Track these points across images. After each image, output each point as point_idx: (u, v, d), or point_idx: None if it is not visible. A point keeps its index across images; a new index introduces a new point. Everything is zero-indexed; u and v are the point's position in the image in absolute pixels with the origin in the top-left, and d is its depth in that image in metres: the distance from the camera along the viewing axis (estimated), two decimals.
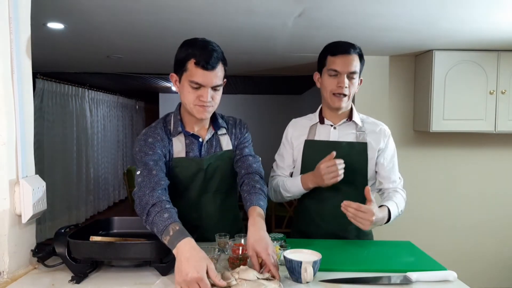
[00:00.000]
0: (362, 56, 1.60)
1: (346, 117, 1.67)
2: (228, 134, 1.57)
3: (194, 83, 1.36)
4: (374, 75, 3.30)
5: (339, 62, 1.55)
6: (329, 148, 1.60)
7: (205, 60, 1.34)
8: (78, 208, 5.63)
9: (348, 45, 1.58)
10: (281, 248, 1.29)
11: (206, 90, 1.37)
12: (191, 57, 1.36)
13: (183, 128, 1.51)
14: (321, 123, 1.68)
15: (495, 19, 2.20)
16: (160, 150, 1.45)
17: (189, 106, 1.41)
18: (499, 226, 3.38)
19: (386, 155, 1.65)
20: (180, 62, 1.39)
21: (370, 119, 1.72)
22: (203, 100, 1.38)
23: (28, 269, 1.25)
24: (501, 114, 2.97)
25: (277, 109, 7.76)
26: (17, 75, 1.21)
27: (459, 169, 3.38)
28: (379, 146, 1.64)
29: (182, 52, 1.40)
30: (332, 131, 1.66)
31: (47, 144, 4.85)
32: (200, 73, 1.35)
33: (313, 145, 1.66)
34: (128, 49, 3.10)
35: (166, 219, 1.19)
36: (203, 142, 1.52)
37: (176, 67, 1.43)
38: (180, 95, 1.44)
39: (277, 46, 2.95)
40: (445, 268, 1.26)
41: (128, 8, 2.06)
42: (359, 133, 1.64)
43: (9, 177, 1.20)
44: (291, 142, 1.72)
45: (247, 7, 2.03)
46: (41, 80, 4.72)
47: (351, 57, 1.55)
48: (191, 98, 1.39)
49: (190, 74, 1.36)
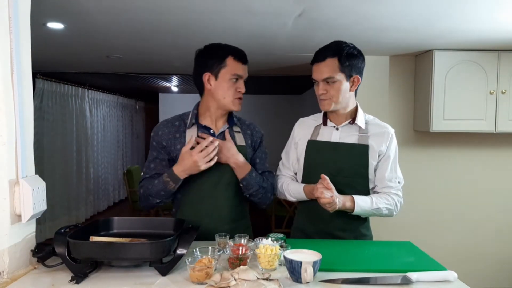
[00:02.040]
0: (351, 55, 1.57)
1: (349, 119, 1.67)
2: (242, 132, 1.69)
3: (235, 75, 1.58)
4: (374, 75, 3.30)
5: (314, 71, 1.62)
6: (330, 149, 1.63)
7: (242, 55, 1.60)
8: (78, 208, 5.63)
9: (325, 51, 1.59)
10: (281, 248, 1.29)
11: (242, 81, 1.61)
12: (229, 54, 1.58)
13: (197, 120, 1.65)
14: (324, 125, 1.69)
15: (495, 19, 2.20)
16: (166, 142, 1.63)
17: (227, 100, 1.60)
18: (499, 226, 3.38)
19: (384, 157, 1.65)
20: (216, 61, 1.58)
21: (376, 120, 1.71)
22: (240, 91, 1.60)
23: (28, 269, 1.25)
24: (501, 114, 2.97)
25: (277, 109, 7.77)
26: (17, 75, 1.21)
27: (459, 169, 3.37)
28: (381, 149, 1.63)
29: (216, 52, 1.59)
30: (334, 132, 1.67)
31: (47, 144, 4.85)
32: (240, 66, 1.59)
33: (315, 145, 1.67)
34: (128, 49, 3.10)
35: (157, 182, 1.57)
36: (215, 134, 1.63)
37: (210, 66, 1.59)
38: (216, 91, 1.60)
39: (277, 46, 2.95)
40: (445, 268, 1.25)
41: (128, 8, 2.06)
42: (362, 135, 1.64)
43: (9, 177, 1.20)
44: (296, 142, 1.74)
45: (247, 7, 2.03)
46: (41, 80, 4.72)
47: (323, 64, 1.57)
48: (231, 92, 1.59)
49: (231, 68, 1.57)
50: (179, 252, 1.23)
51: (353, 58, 1.58)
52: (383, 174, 1.65)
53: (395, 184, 1.66)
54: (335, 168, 1.61)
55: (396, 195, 1.65)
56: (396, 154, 1.69)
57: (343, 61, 1.56)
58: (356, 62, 1.59)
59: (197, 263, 1.16)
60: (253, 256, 1.28)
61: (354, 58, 1.58)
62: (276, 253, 1.24)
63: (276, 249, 1.26)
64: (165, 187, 1.56)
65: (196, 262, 1.16)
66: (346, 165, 1.62)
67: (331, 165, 1.62)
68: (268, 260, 1.23)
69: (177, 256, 1.22)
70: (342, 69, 1.56)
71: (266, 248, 1.25)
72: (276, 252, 1.24)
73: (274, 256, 1.23)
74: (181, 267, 1.24)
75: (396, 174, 1.67)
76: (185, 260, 1.18)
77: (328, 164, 1.63)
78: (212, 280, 1.09)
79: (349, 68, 1.57)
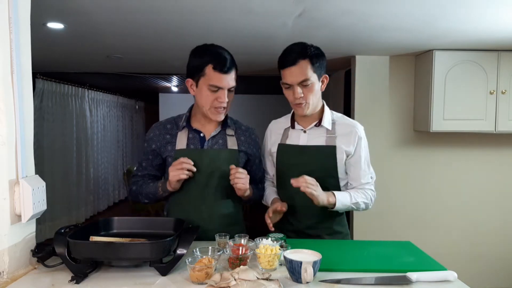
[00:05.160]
0: (318, 55, 1.57)
1: (315, 121, 1.68)
2: (236, 136, 1.67)
3: (213, 86, 1.50)
4: (374, 75, 3.31)
5: (287, 76, 1.58)
6: (298, 152, 1.67)
7: (222, 64, 1.49)
8: (78, 208, 5.63)
9: (293, 54, 1.56)
10: (281, 248, 1.29)
11: (224, 92, 1.52)
12: (209, 63, 1.49)
13: (188, 123, 1.63)
14: (292, 128, 1.72)
15: (495, 19, 2.20)
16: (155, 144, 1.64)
17: (206, 109, 1.55)
18: (499, 226, 3.38)
19: (355, 158, 1.67)
20: (196, 68, 1.51)
21: (344, 119, 1.73)
22: (220, 101, 1.52)
23: (28, 269, 1.25)
24: (501, 114, 2.97)
25: (277, 109, 7.75)
26: (17, 75, 1.21)
27: (459, 169, 3.37)
28: (348, 149, 1.65)
29: (197, 58, 1.53)
30: (302, 135, 1.69)
31: (47, 144, 4.85)
32: (218, 76, 1.49)
33: (285, 149, 1.71)
34: (128, 49, 3.10)
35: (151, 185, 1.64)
36: (206, 138, 1.62)
37: (191, 73, 1.55)
38: (197, 98, 1.57)
39: (277, 46, 2.94)
40: (445, 268, 1.25)
41: (128, 8, 2.06)
42: (329, 137, 1.66)
43: (9, 177, 1.20)
44: (269, 149, 1.78)
45: (247, 7, 2.03)
46: (41, 80, 4.72)
47: (296, 67, 1.54)
48: (209, 101, 1.53)
49: (208, 78, 1.50)
50: (179, 252, 1.23)
51: (321, 58, 1.59)
52: (357, 173, 1.69)
53: (368, 180, 1.71)
54: (305, 170, 1.61)
55: (370, 190, 1.70)
56: (367, 153, 1.71)
57: (314, 61, 1.56)
58: (323, 61, 1.61)
59: (197, 263, 1.16)
60: (253, 256, 1.28)
61: (321, 57, 1.60)
62: (276, 253, 1.24)
63: (276, 249, 1.26)
64: (155, 192, 1.62)
65: (196, 262, 1.16)
66: (315, 167, 1.64)
67: (301, 167, 1.64)
68: (268, 260, 1.23)
69: (177, 256, 1.22)
70: (314, 70, 1.57)
71: (266, 248, 1.25)
72: (276, 252, 1.24)
73: (274, 256, 1.23)
74: (181, 267, 1.24)
75: (368, 171, 1.71)
76: (185, 260, 1.18)
77: (298, 167, 1.65)
78: (212, 280, 1.09)
79: (319, 68, 1.59)
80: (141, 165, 1.72)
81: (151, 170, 1.70)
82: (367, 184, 1.70)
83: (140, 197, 1.68)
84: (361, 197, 1.66)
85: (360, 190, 1.68)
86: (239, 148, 1.65)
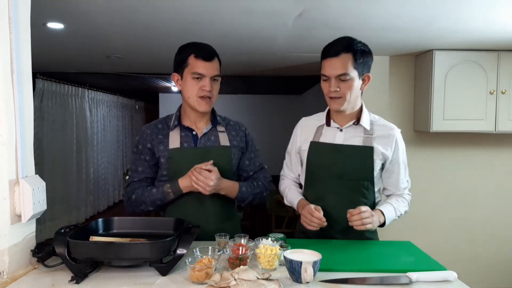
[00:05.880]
0: (363, 52, 1.52)
1: (353, 120, 1.60)
2: (226, 132, 1.68)
3: (196, 74, 1.53)
4: (374, 75, 3.26)
5: (326, 67, 1.51)
6: (333, 151, 1.58)
7: (204, 52, 1.55)
8: (78, 208, 5.63)
9: (338, 45, 1.51)
10: (281, 248, 1.29)
11: (207, 80, 1.54)
12: (191, 53, 1.54)
13: (179, 122, 1.64)
14: (327, 125, 1.63)
15: (495, 19, 2.20)
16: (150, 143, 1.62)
17: (192, 100, 1.56)
18: (499, 226, 3.38)
19: (394, 163, 1.61)
20: (180, 61, 1.56)
21: (382, 121, 1.65)
22: (205, 90, 1.54)
23: (28, 269, 1.25)
24: (501, 114, 2.97)
25: (277, 109, 7.77)
26: (17, 75, 1.21)
27: (459, 169, 3.37)
28: (386, 152, 1.58)
29: (181, 53, 1.58)
30: (338, 133, 1.60)
31: (47, 144, 4.85)
32: (201, 64, 1.53)
33: (318, 147, 1.62)
34: (128, 49, 3.10)
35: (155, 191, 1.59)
36: (198, 135, 1.63)
37: (176, 67, 1.59)
38: (183, 91, 1.59)
39: (277, 46, 2.95)
40: (445, 268, 1.25)
41: (128, 8, 2.06)
42: (366, 137, 1.57)
43: (9, 177, 1.20)
44: (299, 146, 1.69)
45: (247, 7, 2.03)
46: (41, 80, 4.72)
47: (337, 59, 1.48)
48: (194, 91, 1.55)
49: (192, 67, 1.54)
50: (179, 252, 1.23)
51: (366, 55, 1.52)
52: (396, 179, 1.63)
53: (406, 185, 1.67)
54: (339, 172, 1.56)
55: (408, 195, 1.66)
56: (404, 156, 1.65)
57: (357, 57, 1.49)
58: (368, 60, 1.54)
59: (197, 263, 1.16)
60: (253, 256, 1.28)
61: (367, 55, 1.53)
62: (276, 253, 1.24)
63: (276, 249, 1.26)
64: (163, 197, 1.58)
65: (196, 262, 1.16)
66: (351, 168, 1.56)
67: (335, 168, 1.57)
68: (268, 260, 1.23)
69: (177, 256, 1.22)
70: (356, 66, 1.49)
71: (266, 248, 1.25)
72: (276, 252, 1.24)
73: (274, 256, 1.23)
74: (181, 267, 1.24)
75: (407, 176, 1.67)
76: (185, 260, 1.18)
77: (331, 167, 1.57)
78: (212, 280, 1.09)
79: (362, 66, 1.51)
80: (136, 171, 1.65)
81: (148, 172, 1.65)
82: (406, 189, 1.66)
83: (143, 206, 1.61)
84: (403, 207, 1.61)
85: (400, 198, 1.63)
86: (231, 143, 1.66)
